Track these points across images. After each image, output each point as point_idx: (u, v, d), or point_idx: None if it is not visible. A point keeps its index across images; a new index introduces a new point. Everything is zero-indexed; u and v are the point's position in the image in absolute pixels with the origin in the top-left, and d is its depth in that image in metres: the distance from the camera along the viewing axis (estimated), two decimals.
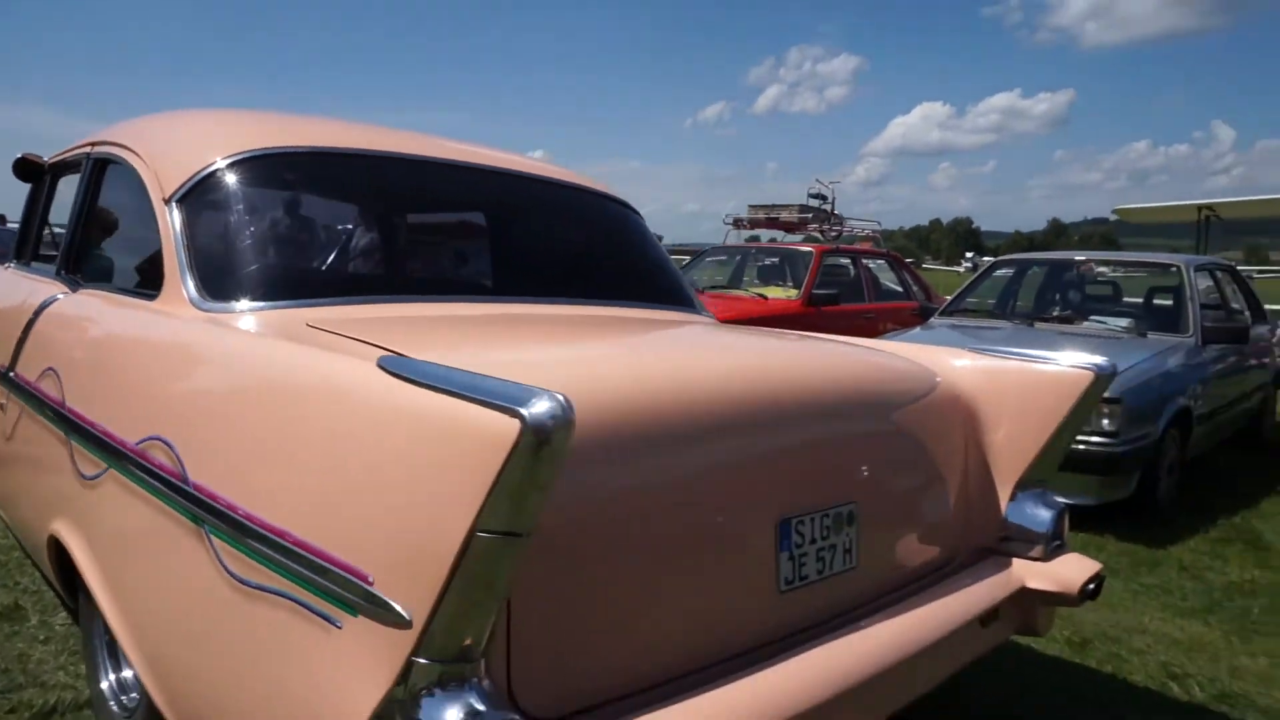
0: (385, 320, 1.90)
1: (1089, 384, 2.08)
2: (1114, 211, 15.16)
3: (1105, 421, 4.18)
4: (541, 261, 2.66)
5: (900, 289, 9.04)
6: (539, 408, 0.98)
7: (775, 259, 8.87)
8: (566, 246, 2.81)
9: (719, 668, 1.52)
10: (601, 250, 2.86)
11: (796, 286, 7.52)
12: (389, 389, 1.14)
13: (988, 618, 2.02)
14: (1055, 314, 5.93)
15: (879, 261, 9.38)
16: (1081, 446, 4.18)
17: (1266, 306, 6.90)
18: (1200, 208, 13.38)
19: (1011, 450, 2.20)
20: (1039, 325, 5.71)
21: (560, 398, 1.00)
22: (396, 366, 1.15)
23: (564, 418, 0.99)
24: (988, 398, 2.22)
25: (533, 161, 2.82)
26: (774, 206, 16.45)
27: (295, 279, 2.13)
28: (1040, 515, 2.20)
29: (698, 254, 9.53)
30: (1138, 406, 4.28)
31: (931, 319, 6.22)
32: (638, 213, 2.94)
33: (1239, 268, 8.14)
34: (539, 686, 1.29)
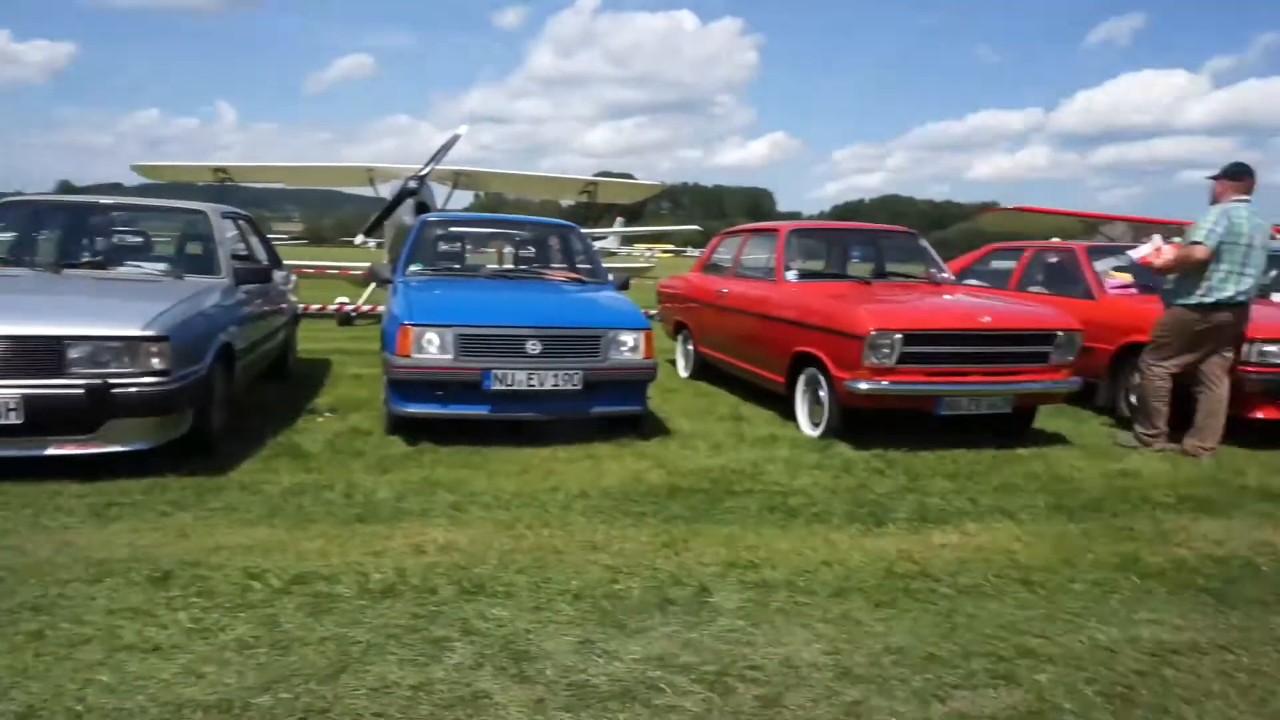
0: None
1: None
2: (133, 168, 14.78)
3: (155, 361, 4.12)
4: None
5: None
6: None
7: None
8: None
9: None
10: None
11: None
12: None
13: None
14: (86, 260, 5.53)
15: None
16: (133, 389, 4.05)
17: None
18: (216, 169, 14.26)
19: None
20: (67, 272, 5.25)
21: None
22: None
23: None
24: None
25: None
26: None
27: None
28: None
29: None
30: (183, 344, 4.33)
31: None
32: None
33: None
34: None
